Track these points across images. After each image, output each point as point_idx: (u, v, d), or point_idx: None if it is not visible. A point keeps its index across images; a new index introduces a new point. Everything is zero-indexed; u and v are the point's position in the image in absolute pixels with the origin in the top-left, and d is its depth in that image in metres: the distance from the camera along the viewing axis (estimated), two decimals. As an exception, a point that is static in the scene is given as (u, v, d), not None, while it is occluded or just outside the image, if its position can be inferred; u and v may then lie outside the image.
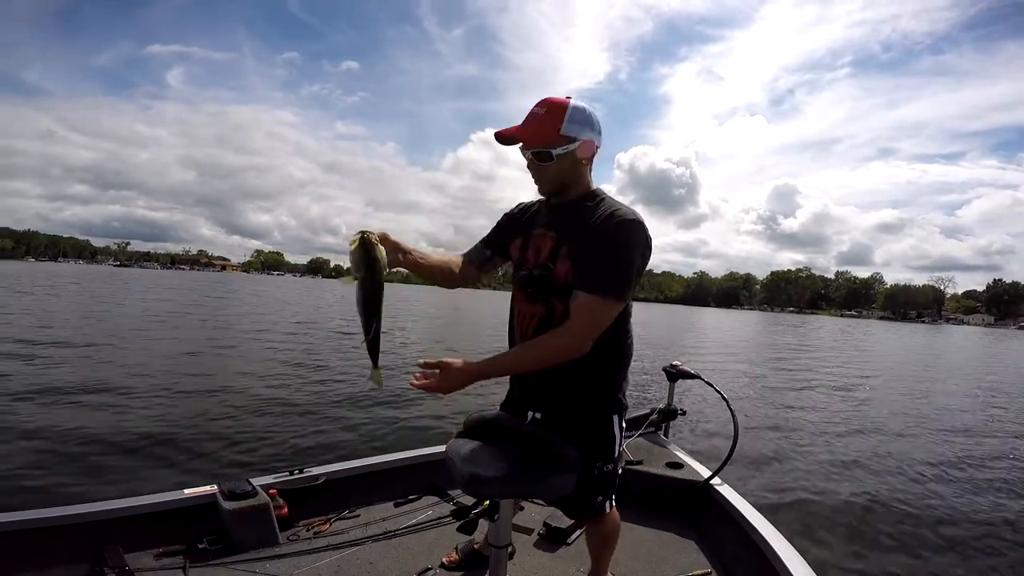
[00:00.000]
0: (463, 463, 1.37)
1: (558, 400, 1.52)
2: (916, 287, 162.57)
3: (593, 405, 1.52)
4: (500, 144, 1.43)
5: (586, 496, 1.54)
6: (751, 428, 6.38)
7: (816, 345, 23.46)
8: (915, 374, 14.08)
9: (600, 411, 1.52)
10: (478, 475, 1.31)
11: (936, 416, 8.03)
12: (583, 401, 1.51)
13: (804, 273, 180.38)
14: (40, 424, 4.74)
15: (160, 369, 7.69)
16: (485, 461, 1.37)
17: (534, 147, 1.39)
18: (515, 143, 1.42)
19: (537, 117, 1.36)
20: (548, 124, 1.35)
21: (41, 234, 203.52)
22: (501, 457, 1.40)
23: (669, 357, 3.40)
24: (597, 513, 1.61)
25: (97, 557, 1.87)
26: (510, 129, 1.40)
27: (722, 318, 55.30)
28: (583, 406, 1.51)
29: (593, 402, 1.52)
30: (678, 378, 3.03)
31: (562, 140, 1.36)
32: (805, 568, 1.82)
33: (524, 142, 1.41)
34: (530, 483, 1.37)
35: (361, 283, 1.29)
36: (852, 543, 3.50)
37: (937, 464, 5.36)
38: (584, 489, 1.50)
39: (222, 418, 5.37)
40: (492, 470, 1.33)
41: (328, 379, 7.83)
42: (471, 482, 1.31)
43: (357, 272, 1.29)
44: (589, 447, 1.50)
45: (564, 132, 1.35)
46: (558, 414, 1.52)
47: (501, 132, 1.40)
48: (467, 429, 1.61)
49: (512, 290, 1.62)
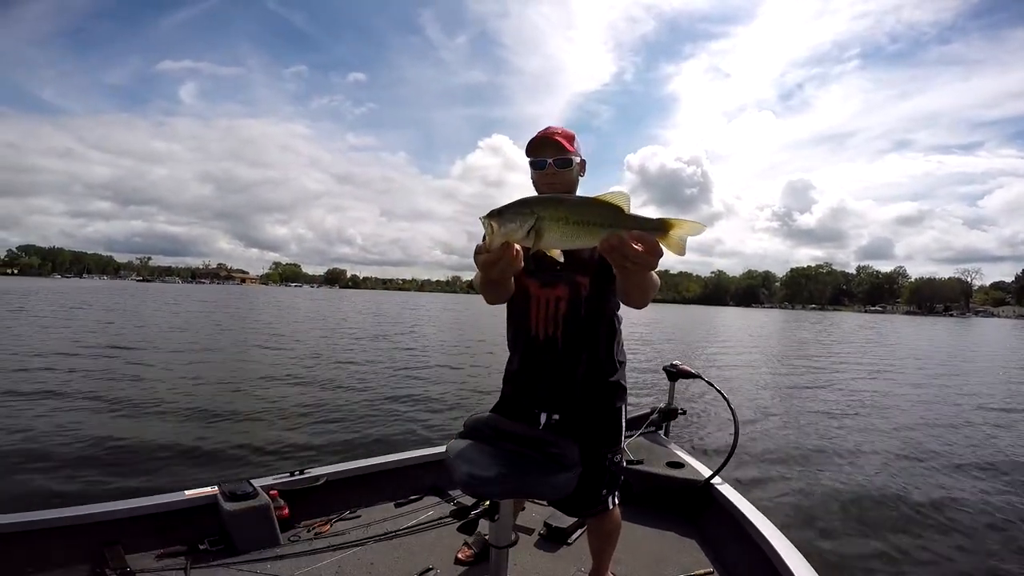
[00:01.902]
0: (462, 464, 1.38)
1: (576, 399, 1.58)
2: (942, 280, 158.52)
3: (607, 398, 1.62)
4: (529, 149, 1.61)
5: (591, 489, 1.59)
6: (752, 427, 6.33)
7: (830, 341, 23.04)
8: (935, 369, 13.70)
9: (612, 402, 1.63)
10: (477, 476, 1.32)
11: (949, 412, 7.86)
12: (599, 396, 1.60)
13: (825, 269, 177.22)
14: (41, 424, 4.87)
15: (164, 373, 7.85)
16: (484, 462, 1.38)
17: (563, 154, 1.60)
18: (547, 145, 1.60)
19: (558, 134, 1.61)
20: (567, 141, 1.60)
21: (66, 251, 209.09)
22: (500, 458, 1.41)
23: (678, 357, 3.38)
24: (601, 508, 1.64)
25: (98, 558, 1.90)
26: (554, 129, 1.61)
27: (741, 317, 54.52)
28: (598, 401, 1.60)
29: (607, 395, 1.62)
30: (678, 377, 3.02)
31: (574, 154, 1.62)
32: (806, 567, 1.80)
33: (559, 142, 1.60)
34: (529, 483, 1.38)
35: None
36: (854, 542, 3.45)
37: (943, 462, 5.27)
38: (590, 481, 1.56)
39: (223, 419, 5.45)
40: (491, 471, 1.34)
41: (329, 379, 7.93)
42: (470, 483, 1.32)
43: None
44: (598, 438, 1.58)
45: (575, 149, 1.62)
46: (575, 413, 1.58)
47: (544, 133, 1.59)
48: (466, 430, 1.62)
49: (515, 284, 1.54)
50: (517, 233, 1.03)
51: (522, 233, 1.03)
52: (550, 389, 1.60)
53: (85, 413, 5.45)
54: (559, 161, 1.58)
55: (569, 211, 1.02)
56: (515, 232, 1.03)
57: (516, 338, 1.68)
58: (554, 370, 1.59)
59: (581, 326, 1.58)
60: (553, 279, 1.57)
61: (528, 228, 1.02)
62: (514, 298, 1.57)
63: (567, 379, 1.58)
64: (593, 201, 1.03)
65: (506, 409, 1.68)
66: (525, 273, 1.55)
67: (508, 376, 1.74)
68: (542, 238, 1.02)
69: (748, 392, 8.99)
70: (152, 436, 4.77)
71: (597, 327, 1.60)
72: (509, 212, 1.04)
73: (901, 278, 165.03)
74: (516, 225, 1.03)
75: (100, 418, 5.28)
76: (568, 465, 1.42)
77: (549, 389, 1.60)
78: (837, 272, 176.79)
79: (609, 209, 1.02)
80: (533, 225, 1.02)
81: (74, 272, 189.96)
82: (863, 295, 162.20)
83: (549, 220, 1.02)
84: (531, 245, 1.04)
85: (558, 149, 1.58)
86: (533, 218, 1.02)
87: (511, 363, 1.73)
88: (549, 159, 1.59)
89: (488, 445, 1.50)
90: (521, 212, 1.03)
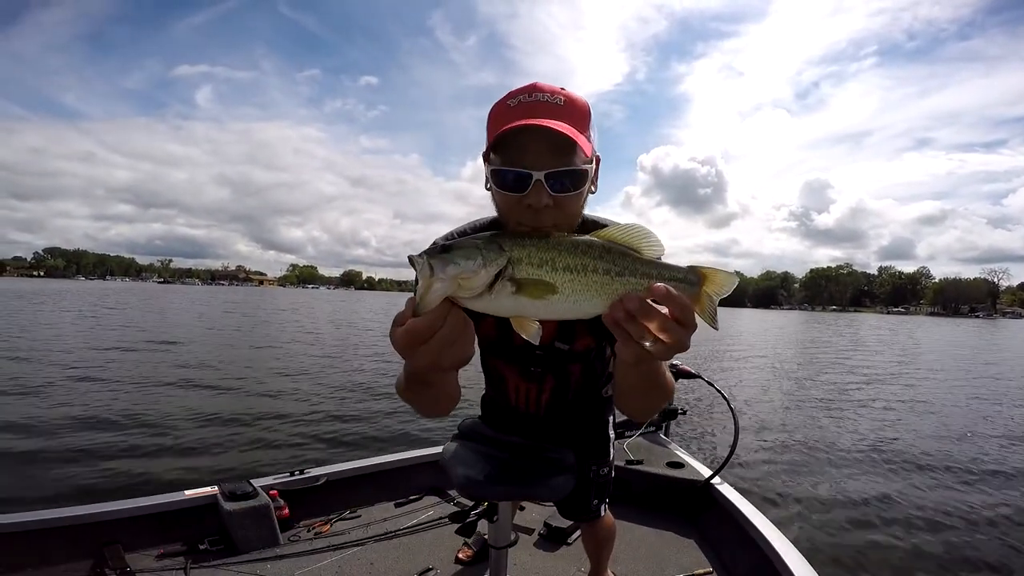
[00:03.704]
0: (458, 467, 1.36)
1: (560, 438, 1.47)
2: (967, 280, 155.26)
3: (594, 413, 1.50)
4: (499, 141, 1.38)
5: (581, 498, 1.53)
6: (753, 428, 6.31)
7: (843, 343, 22.70)
8: (953, 372, 13.32)
9: (599, 415, 1.51)
10: (472, 478, 1.30)
11: (962, 415, 7.71)
12: (587, 410, 1.47)
13: (845, 270, 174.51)
14: (42, 425, 4.94)
15: (166, 374, 7.93)
16: (480, 464, 1.36)
17: (571, 161, 1.40)
18: (546, 138, 1.40)
19: (563, 128, 1.37)
20: (578, 135, 1.37)
21: (90, 253, 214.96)
22: (495, 460, 1.39)
23: (677, 357, 3.35)
24: (592, 516, 1.59)
25: (98, 557, 1.91)
26: (559, 110, 1.38)
27: (760, 319, 53.81)
28: (586, 414, 1.48)
29: (594, 411, 1.49)
30: (678, 377, 2.99)
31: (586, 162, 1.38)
32: (806, 567, 1.78)
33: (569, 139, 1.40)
34: (527, 484, 1.36)
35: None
36: (854, 542, 3.46)
37: (944, 464, 5.21)
38: (580, 491, 1.48)
39: (223, 419, 5.50)
40: (486, 472, 1.32)
41: (329, 380, 7.98)
42: (467, 485, 1.30)
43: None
44: (585, 450, 1.47)
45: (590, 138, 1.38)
46: (562, 426, 1.47)
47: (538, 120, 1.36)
48: (461, 432, 1.59)
49: (489, 358, 1.35)
50: (472, 282, 0.63)
51: (481, 283, 0.63)
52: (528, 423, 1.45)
53: (85, 413, 5.50)
54: (560, 180, 1.38)
55: (560, 252, 0.66)
56: (469, 281, 0.63)
57: (490, 397, 1.48)
58: (536, 436, 1.43)
59: (568, 407, 1.40)
60: (535, 375, 1.29)
61: (493, 275, 0.64)
62: (486, 367, 1.34)
63: (551, 439, 1.42)
64: (591, 242, 0.68)
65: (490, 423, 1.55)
66: (493, 355, 1.29)
67: (484, 404, 1.55)
68: (513, 295, 0.64)
69: (750, 392, 8.93)
70: (152, 436, 4.82)
71: (588, 402, 1.43)
72: (461, 248, 0.64)
73: (925, 279, 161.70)
74: (473, 268, 0.63)
75: (100, 418, 5.33)
76: (565, 467, 1.39)
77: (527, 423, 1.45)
78: (858, 273, 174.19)
79: (623, 253, 0.68)
80: (501, 271, 0.64)
81: (97, 274, 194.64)
82: (885, 296, 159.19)
83: (528, 265, 0.65)
84: (495, 307, 0.65)
85: (562, 151, 1.44)
86: (503, 259, 0.64)
87: (487, 397, 1.52)
88: (539, 173, 1.34)
89: (483, 446, 1.47)
90: (484, 247, 0.64)
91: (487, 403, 1.51)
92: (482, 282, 0.63)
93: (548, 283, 0.64)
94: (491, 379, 1.38)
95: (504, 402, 1.40)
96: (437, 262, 0.62)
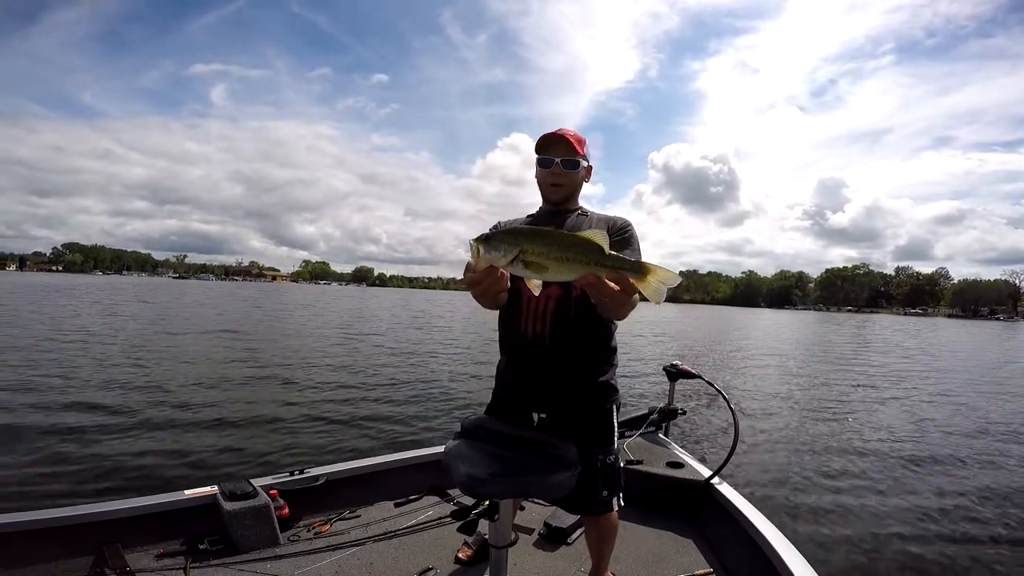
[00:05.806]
0: (460, 465, 1.38)
1: (565, 399, 1.58)
2: (987, 282, 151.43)
3: (597, 399, 1.61)
4: (539, 146, 1.63)
5: (589, 489, 1.59)
6: (753, 428, 6.30)
7: (853, 343, 22.44)
8: (962, 374, 13.03)
9: (602, 403, 1.62)
10: (476, 476, 1.33)
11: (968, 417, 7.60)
12: (588, 396, 1.60)
13: (861, 270, 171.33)
14: (43, 425, 4.97)
15: (167, 374, 7.97)
16: (482, 462, 1.39)
17: (572, 155, 1.62)
18: (557, 143, 1.62)
19: (569, 135, 1.62)
20: (577, 143, 1.61)
21: (107, 248, 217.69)
22: (498, 458, 1.42)
23: (678, 357, 3.35)
24: (603, 508, 1.64)
25: (98, 557, 1.93)
26: (566, 131, 1.62)
27: (775, 320, 53.25)
28: (588, 401, 1.60)
29: (597, 396, 1.61)
30: (679, 377, 3.03)
31: (582, 157, 1.65)
32: (806, 567, 1.78)
33: (570, 143, 1.61)
34: (528, 483, 1.38)
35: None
36: (854, 542, 3.45)
37: (945, 462, 5.21)
38: (587, 482, 1.55)
39: (223, 419, 5.51)
40: (489, 471, 1.35)
41: (329, 380, 7.99)
42: (469, 483, 1.33)
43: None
44: (587, 438, 1.57)
45: (584, 153, 1.64)
46: (564, 413, 1.59)
47: (556, 132, 1.60)
48: (464, 431, 1.63)
49: (515, 282, 1.55)
50: (500, 260, 1.10)
51: (505, 261, 1.10)
52: (538, 388, 1.59)
53: (85, 413, 5.51)
54: (566, 162, 1.61)
55: (552, 247, 1.09)
56: (499, 259, 1.10)
57: (505, 335, 1.68)
58: (541, 368, 1.58)
59: (569, 326, 1.56)
60: (545, 283, 1.54)
61: (511, 257, 1.10)
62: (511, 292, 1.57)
63: (554, 378, 1.57)
64: (576, 239, 1.10)
65: (498, 409, 1.70)
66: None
67: (498, 374, 1.75)
68: (524, 269, 1.10)
69: (751, 392, 8.90)
70: (152, 435, 4.84)
71: (585, 328, 1.57)
72: (495, 240, 1.11)
73: (943, 279, 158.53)
74: (500, 253, 1.10)
75: (100, 418, 5.35)
76: (567, 464, 1.43)
77: (537, 388, 1.59)
78: (875, 273, 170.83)
79: (591, 247, 1.09)
80: (516, 256, 1.09)
81: (114, 269, 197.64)
82: (902, 297, 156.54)
83: (532, 253, 1.09)
84: (512, 273, 1.13)
85: (568, 150, 1.60)
86: (517, 249, 1.09)
87: (501, 362, 1.74)
88: (557, 158, 1.61)
89: (485, 445, 1.50)
90: (507, 241, 1.10)
91: (501, 344, 1.71)
92: (505, 261, 1.10)
93: (543, 265, 1.10)
94: (511, 299, 1.58)
95: (515, 327, 1.62)
96: (482, 246, 1.12)
